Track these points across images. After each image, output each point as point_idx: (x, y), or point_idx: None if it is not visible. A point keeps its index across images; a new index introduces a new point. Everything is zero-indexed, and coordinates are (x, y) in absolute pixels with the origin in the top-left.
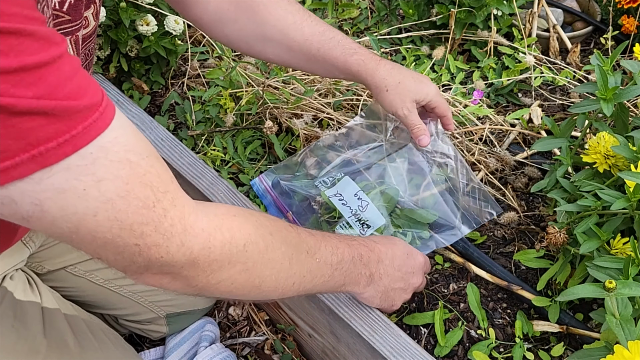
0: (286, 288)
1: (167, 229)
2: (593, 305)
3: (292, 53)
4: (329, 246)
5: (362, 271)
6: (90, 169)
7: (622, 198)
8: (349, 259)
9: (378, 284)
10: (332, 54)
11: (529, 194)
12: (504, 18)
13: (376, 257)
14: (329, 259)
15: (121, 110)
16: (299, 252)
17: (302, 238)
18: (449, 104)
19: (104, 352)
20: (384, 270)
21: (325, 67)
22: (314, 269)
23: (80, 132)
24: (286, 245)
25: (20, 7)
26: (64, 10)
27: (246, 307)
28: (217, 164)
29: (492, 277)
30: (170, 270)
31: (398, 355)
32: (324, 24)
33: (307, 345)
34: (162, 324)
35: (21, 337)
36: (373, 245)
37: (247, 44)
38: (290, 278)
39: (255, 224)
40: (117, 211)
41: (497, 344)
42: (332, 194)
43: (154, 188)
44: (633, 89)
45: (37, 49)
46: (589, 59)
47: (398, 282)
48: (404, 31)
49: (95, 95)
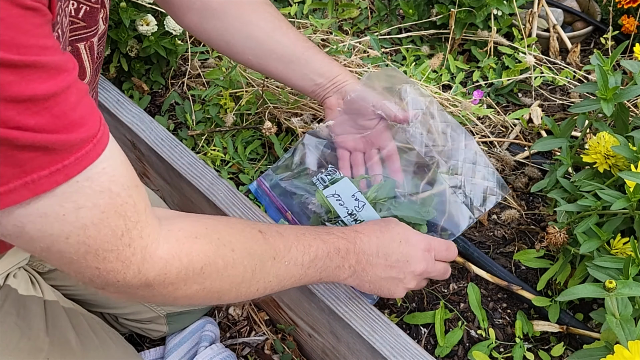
0: (249, 295)
1: (128, 257)
2: (593, 305)
3: (275, 55)
4: (300, 246)
5: (340, 264)
6: (73, 197)
7: (622, 198)
8: (324, 255)
9: (362, 275)
10: (317, 57)
11: (529, 194)
12: (504, 18)
13: (356, 248)
14: (300, 260)
15: (121, 111)
16: (264, 261)
17: (270, 244)
18: (448, 104)
19: (105, 350)
20: (366, 261)
21: (307, 69)
22: (281, 273)
23: (73, 162)
24: (249, 258)
25: (37, 37)
26: (79, 17)
27: (246, 307)
28: (217, 164)
29: (492, 277)
30: (127, 291)
31: (398, 355)
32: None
33: (307, 345)
34: (162, 323)
35: (24, 335)
36: (354, 236)
37: (227, 43)
38: (253, 286)
39: (217, 244)
40: (87, 236)
41: (497, 344)
42: (329, 193)
43: (126, 218)
44: (633, 89)
45: (47, 78)
46: (589, 59)
47: (388, 271)
48: (404, 31)
49: (93, 127)
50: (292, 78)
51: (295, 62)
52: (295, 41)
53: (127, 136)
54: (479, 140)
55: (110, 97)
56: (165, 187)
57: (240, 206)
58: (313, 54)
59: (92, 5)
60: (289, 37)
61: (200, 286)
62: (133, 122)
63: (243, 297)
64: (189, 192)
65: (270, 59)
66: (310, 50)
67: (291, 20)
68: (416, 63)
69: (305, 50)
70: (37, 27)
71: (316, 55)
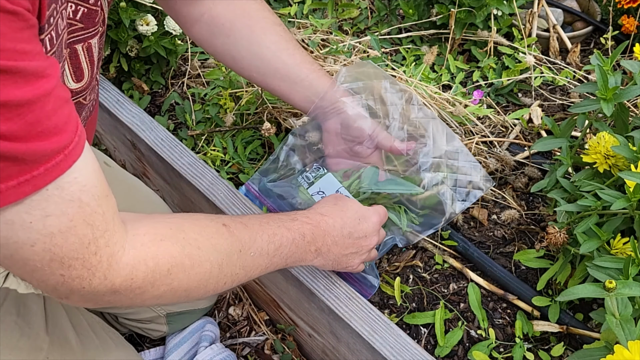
0: (218, 288)
1: (94, 265)
2: (593, 305)
3: (279, 75)
4: (265, 235)
5: (306, 249)
6: (42, 205)
7: (622, 198)
8: (289, 242)
9: (327, 255)
10: (322, 80)
11: (529, 194)
12: (504, 18)
13: (322, 231)
14: (266, 249)
15: (121, 111)
16: (231, 255)
17: (236, 237)
18: (448, 104)
19: (105, 350)
20: (332, 241)
21: (309, 91)
22: (248, 264)
23: (42, 173)
24: (216, 254)
25: (14, 42)
26: (77, 19)
27: (246, 307)
28: (217, 164)
29: (489, 285)
30: (93, 298)
31: (398, 355)
32: (312, 58)
33: (307, 345)
34: (162, 323)
35: (24, 335)
36: (318, 220)
37: (233, 59)
38: (221, 280)
39: (183, 243)
40: (53, 244)
41: (497, 344)
42: (314, 191)
43: (94, 227)
44: (633, 89)
45: (24, 84)
46: (589, 59)
47: (349, 248)
48: (404, 31)
49: (67, 137)
50: (295, 98)
51: (299, 84)
52: (301, 63)
53: (127, 136)
54: (479, 140)
55: (110, 97)
56: (165, 187)
57: (240, 206)
58: (318, 77)
59: (90, 7)
60: (295, 59)
61: (167, 287)
62: (133, 122)
63: (211, 291)
64: (189, 192)
65: (274, 78)
66: (315, 72)
67: (291, 20)
68: (416, 63)
69: (310, 72)
70: (16, 32)
71: (320, 79)
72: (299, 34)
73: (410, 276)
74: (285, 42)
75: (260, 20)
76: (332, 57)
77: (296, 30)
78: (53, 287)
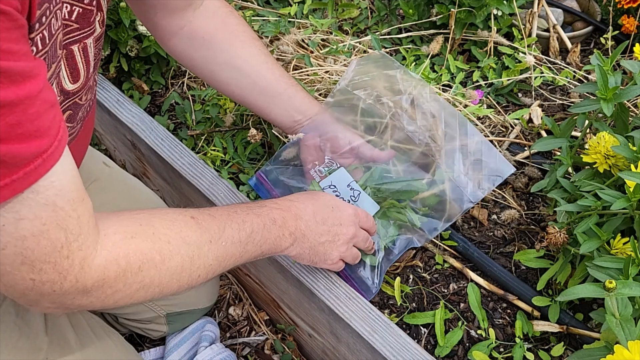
0: (192, 282)
1: (65, 268)
2: (593, 305)
3: (258, 89)
4: (234, 224)
5: (279, 234)
6: (16, 207)
7: (622, 198)
8: (260, 228)
9: (302, 241)
10: (299, 95)
11: (529, 194)
12: (504, 18)
13: (293, 215)
14: (237, 237)
15: (121, 111)
16: (201, 246)
17: (204, 228)
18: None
19: (104, 350)
20: (305, 226)
21: (287, 106)
22: (220, 254)
23: (21, 177)
24: (186, 246)
25: (1, 41)
26: (72, 19)
27: (246, 307)
28: (217, 164)
29: (489, 285)
30: (63, 301)
31: (398, 355)
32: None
33: (307, 345)
34: (162, 323)
35: (23, 335)
36: (288, 205)
37: (211, 73)
38: (194, 273)
39: (153, 239)
40: (25, 248)
41: (497, 344)
42: (325, 185)
43: (68, 231)
44: (633, 89)
45: (8, 85)
46: (589, 59)
47: (324, 235)
48: (404, 31)
49: (47, 141)
50: (272, 112)
51: (277, 98)
52: (280, 78)
53: (127, 136)
54: None
55: (110, 97)
56: (165, 187)
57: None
58: (295, 92)
59: (85, 6)
60: (273, 74)
61: (140, 284)
62: (133, 122)
63: (185, 285)
64: (189, 192)
65: (253, 92)
66: (293, 87)
67: (291, 20)
68: (416, 63)
69: (288, 87)
70: (3, 31)
71: (298, 93)
72: (299, 34)
73: (410, 276)
74: (265, 56)
75: (239, 34)
76: (332, 57)
77: (296, 30)
78: (22, 292)
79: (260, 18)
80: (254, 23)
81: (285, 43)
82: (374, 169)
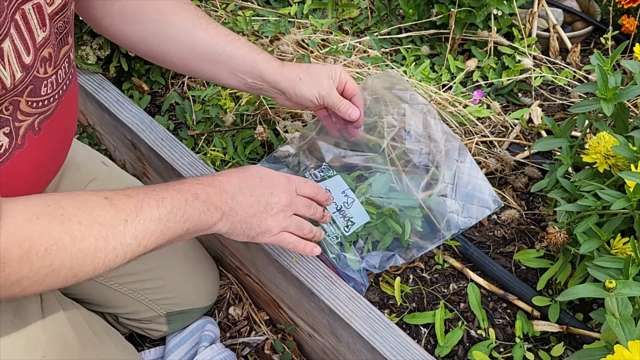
0: (109, 263)
1: None
2: (593, 305)
3: (197, 54)
4: (152, 201)
5: (203, 209)
6: None
7: (622, 198)
8: (182, 204)
9: (231, 215)
10: (240, 52)
11: (529, 194)
12: (504, 18)
13: (217, 189)
14: (156, 214)
15: (121, 111)
16: (115, 226)
17: (119, 207)
18: (448, 104)
19: (104, 349)
20: (232, 199)
21: (232, 68)
22: (139, 233)
23: None
24: (99, 226)
25: None
26: None
27: (246, 307)
28: (217, 164)
29: (489, 285)
30: None
31: (398, 355)
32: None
33: (307, 345)
34: (162, 323)
35: (21, 334)
36: (211, 180)
37: (148, 46)
38: (111, 253)
39: (62, 219)
40: None
41: (497, 344)
42: None
43: None
44: (633, 89)
45: None
46: (589, 59)
47: (254, 206)
48: (404, 31)
49: None
50: (222, 77)
51: (219, 60)
52: (216, 36)
53: (127, 136)
54: (479, 140)
55: (110, 97)
56: None
57: None
58: (235, 49)
59: None
60: (208, 33)
61: (48, 269)
62: (133, 122)
63: (102, 267)
64: None
65: (193, 59)
66: (232, 44)
67: (291, 20)
68: (416, 63)
69: (227, 45)
70: None
71: (238, 50)
72: (299, 34)
73: (411, 276)
74: (197, 17)
75: (169, 2)
76: (332, 57)
77: (296, 30)
78: None
79: (260, 18)
80: (254, 23)
81: (285, 43)
82: (375, 177)
